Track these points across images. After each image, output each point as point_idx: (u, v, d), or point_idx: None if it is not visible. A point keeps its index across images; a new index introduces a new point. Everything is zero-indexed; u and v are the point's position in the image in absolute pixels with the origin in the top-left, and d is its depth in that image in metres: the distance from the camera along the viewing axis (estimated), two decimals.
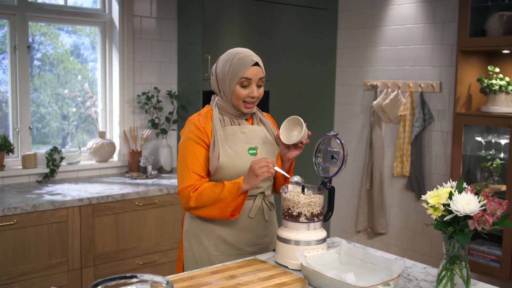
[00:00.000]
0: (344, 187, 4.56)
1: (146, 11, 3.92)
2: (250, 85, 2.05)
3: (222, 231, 2.10)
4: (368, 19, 4.31)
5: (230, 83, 2.05)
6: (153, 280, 1.48)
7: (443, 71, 3.84)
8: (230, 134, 2.08)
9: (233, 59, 2.05)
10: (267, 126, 2.18)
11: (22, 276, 2.91)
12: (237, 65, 2.04)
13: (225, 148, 2.05)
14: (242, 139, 2.09)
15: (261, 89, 2.09)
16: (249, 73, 2.03)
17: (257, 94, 2.07)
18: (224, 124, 2.10)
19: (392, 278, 1.64)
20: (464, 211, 1.54)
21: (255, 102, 2.10)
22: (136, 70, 3.93)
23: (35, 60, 3.70)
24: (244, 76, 2.03)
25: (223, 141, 2.05)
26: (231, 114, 2.12)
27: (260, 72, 2.06)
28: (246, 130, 2.11)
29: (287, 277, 1.76)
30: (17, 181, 3.45)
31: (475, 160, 3.65)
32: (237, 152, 2.06)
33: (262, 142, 2.13)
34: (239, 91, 2.05)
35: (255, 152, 2.10)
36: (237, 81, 2.04)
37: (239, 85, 2.04)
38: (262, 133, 2.15)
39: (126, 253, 3.30)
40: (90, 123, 3.92)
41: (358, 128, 4.45)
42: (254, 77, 2.04)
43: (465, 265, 1.62)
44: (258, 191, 2.11)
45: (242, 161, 2.06)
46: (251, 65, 2.03)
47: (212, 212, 2.00)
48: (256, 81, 2.06)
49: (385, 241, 4.29)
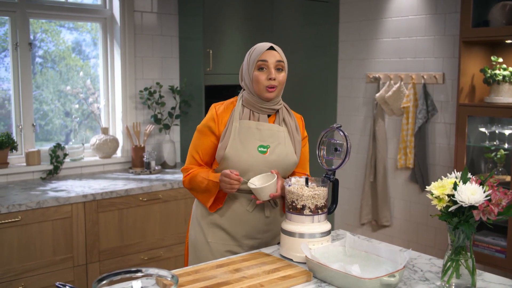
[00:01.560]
0: (348, 180, 4.56)
1: (147, 7, 3.91)
2: (267, 68, 2.06)
3: (222, 220, 2.14)
4: (369, 11, 4.29)
5: (250, 70, 2.09)
6: (158, 274, 1.48)
7: (445, 62, 3.83)
8: (245, 127, 2.08)
9: (252, 50, 2.12)
10: (289, 128, 2.15)
11: (27, 272, 2.92)
12: (254, 53, 2.09)
13: (235, 140, 2.06)
14: (256, 135, 2.09)
15: (281, 73, 2.09)
16: (265, 56, 2.06)
17: (275, 76, 2.06)
18: (242, 117, 2.11)
19: (397, 270, 1.64)
20: (469, 201, 1.54)
21: (277, 87, 2.08)
22: (137, 66, 3.92)
23: (37, 57, 3.69)
24: (260, 59, 2.06)
25: (236, 133, 2.07)
26: (253, 107, 2.12)
27: (276, 55, 2.07)
28: (263, 127, 2.10)
29: (292, 270, 1.76)
30: (21, 178, 3.45)
31: (479, 151, 3.64)
32: (246, 146, 2.06)
33: (277, 142, 2.10)
34: (258, 75, 2.06)
35: (265, 151, 2.08)
36: (254, 65, 2.07)
37: (257, 69, 2.07)
38: (282, 133, 2.12)
39: (131, 248, 3.31)
40: (93, 119, 3.92)
41: (361, 120, 4.45)
42: (271, 59, 2.06)
43: (470, 256, 1.62)
44: None
45: (248, 156, 2.06)
46: (267, 49, 2.07)
47: (200, 199, 2.16)
48: (274, 64, 2.06)
49: (389, 234, 4.29)
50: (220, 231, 2.15)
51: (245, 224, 2.13)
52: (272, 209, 2.16)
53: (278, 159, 2.09)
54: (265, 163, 2.07)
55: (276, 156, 2.08)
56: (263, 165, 2.07)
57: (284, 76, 2.10)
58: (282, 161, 2.10)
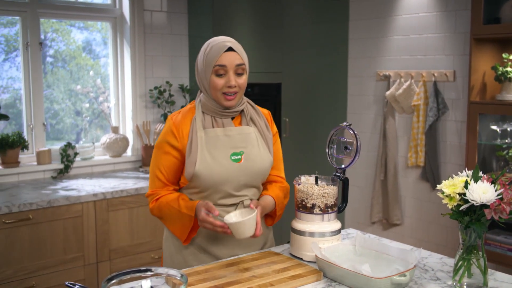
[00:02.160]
0: (358, 178, 4.54)
1: (157, 5, 3.92)
2: (226, 73, 1.83)
3: (202, 240, 1.93)
4: (379, 9, 4.27)
5: (206, 74, 1.85)
6: (168, 273, 1.48)
7: (456, 59, 3.79)
8: (212, 137, 1.87)
9: (207, 47, 1.86)
10: (259, 127, 1.96)
11: (39, 271, 2.94)
12: (210, 53, 1.84)
13: (204, 154, 1.84)
14: (225, 143, 1.87)
15: (242, 77, 1.86)
16: (223, 60, 1.82)
17: (235, 82, 1.83)
18: (205, 125, 1.88)
19: (408, 269, 1.63)
20: (481, 200, 1.52)
21: (237, 93, 1.86)
22: (147, 65, 3.93)
23: (47, 57, 3.71)
24: (218, 63, 1.82)
25: (203, 144, 1.85)
26: (214, 113, 1.89)
27: (236, 58, 1.83)
28: (232, 133, 1.89)
29: (302, 269, 1.76)
30: (32, 177, 3.48)
31: (490, 149, 3.61)
32: (217, 158, 1.85)
33: (250, 146, 1.90)
34: (215, 81, 1.83)
35: (240, 158, 1.88)
36: (211, 70, 1.83)
37: (214, 74, 1.83)
38: (253, 135, 1.92)
39: (141, 247, 3.32)
40: (103, 118, 3.93)
41: (371, 119, 4.42)
42: (230, 63, 1.82)
43: (482, 255, 1.60)
44: (238, 199, 1.91)
45: (221, 168, 1.85)
46: (224, 50, 1.82)
47: (170, 228, 1.93)
48: (234, 69, 1.83)
49: (400, 232, 4.27)
50: (200, 253, 1.94)
51: (227, 243, 1.92)
52: None
53: (254, 164, 1.90)
54: (241, 171, 1.88)
55: (251, 162, 1.90)
56: (240, 174, 1.88)
57: (245, 79, 1.87)
58: (259, 165, 1.91)
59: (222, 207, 1.90)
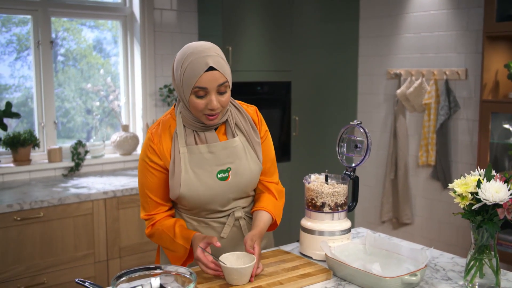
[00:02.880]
0: (369, 177, 4.52)
1: (166, 4, 3.93)
2: (207, 94, 1.64)
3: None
4: (390, 7, 4.24)
5: (185, 92, 1.66)
6: (177, 271, 1.48)
7: (468, 57, 3.76)
8: (195, 154, 1.73)
9: (185, 61, 1.65)
10: (245, 134, 1.80)
11: (49, 268, 2.96)
12: (188, 71, 1.63)
13: (188, 174, 1.71)
14: (210, 161, 1.74)
15: (224, 96, 1.66)
16: (203, 81, 1.62)
17: (217, 104, 1.64)
18: (187, 142, 1.73)
19: (419, 269, 1.61)
20: (493, 200, 1.50)
21: (220, 112, 1.69)
22: (157, 63, 3.94)
23: (58, 55, 3.73)
24: (197, 85, 1.62)
25: (186, 163, 1.72)
26: (195, 127, 1.74)
27: (218, 78, 1.63)
28: (216, 149, 1.74)
29: (312, 268, 1.75)
30: (43, 175, 3.50)
31: (502, 148, 3.57)
32: (202, 179, 1.73)
33: (237, 160, 1.76)
34: (195, 102, 1.65)
35: (227, 176, 1.75)
36: (190, 91, 1.64)
37: (194, 95, 1.64)
38: (239, 146, 1.77)
39: (151, 245, 3.33)
40: (114, 116, 3.95)
41: (382, 117, 4.40)
42: (210, 85, 1.62)
43: (494, 255, 1.59)
44: (228, 212, 1.83)
45: (207, 189, 1.73)
46: (205, 70, 1.61)
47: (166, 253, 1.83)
48: (215, 89, 1.64)
49: (411, 232, 4.24)
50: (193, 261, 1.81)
51: (222, 251, 1.77)
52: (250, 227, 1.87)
53: (242, 179, 1.78)
54: (228, 189, 1.77)
55: (240, 177, 1.77)
56: (227, 192, 1.77)
57: (228, 96, 1.68)
58: (248, 178, 1.79)
59: (217, 218, 1.83)
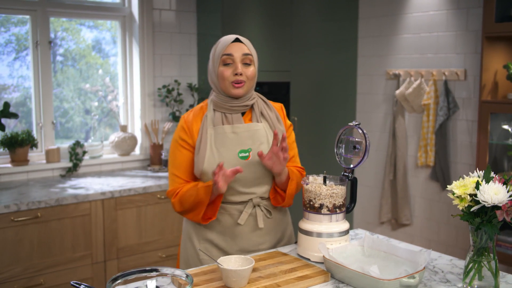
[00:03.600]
0: (367, 178, 4.51)
1: (165, 4, 3.92)
2: (233, 62, 1.90)
3: (213, 235, 1.98)
4: (389, 7, 4.23)
5: (215, 66, 1.93)
6: (173, 274, 1.47)
7: (467, 58, 3.75)
8: (220, 134, 1.91)
9: (217, 43, 1.96)
10: (270, 122, 1.98)
11: (47, 269, 2.95)
12: (219, 46, 1.94)
13: (212, 151, 1.89)
14: (233, 141, 1.91)
15: (249, 68, 1.92)
16: (230, 49, 1.90)
17: (241, 70, 1.89)
18: (215, 122, 1.93)
19: (417, 271, 1.60)
20: (492, 201, 1.49)
21: (245, 82, 1.91)
22: (156, 63, 3.93)
23: (57, 55, 3.72)
24: (225, 52, 1.90)
25: (212, 142, 1.90)
26: (224, 109, 1.94)
27: (243, 48, 1.91)
28: (239, 130, 1.92)
29: (310, 270, 1.74)
30: (41, 175, 3.49)
31: (502, 149, 3.56)
32: (224, 156, 1.89)
33: (258, 142, 1.93)
34: (223, 70, 1.90)
35: (247, 155, 1.91)
36: (219, 60, 1.91)
37: (222, 64, 1.91)
38: (262, 131, 1.95)
39: (149, 246, 3.32)
40: (112, 117, 3.94)
41: (381, 118, 4.39)
42: (236, 52, 1.90)
43: (493, 257, 1.58)
44: (247, 197, 1.95)
45: (230, 166, 1.87)
46: (231, 41, 1.91)
47: (192, 217, 1.93)
48: (241, 58, 1.90)
49: (410, 233, 4.23)
50: (212, 247, 1.98)
51: (237, 239, 1.95)
52: (267, 219, 2.00)
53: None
54: (248, 168, 1.91)
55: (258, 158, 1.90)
56: (247, 171, 1.91)
57: (253, 71, 1.93)
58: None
59: (232, 204, 1.95)
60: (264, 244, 2.02)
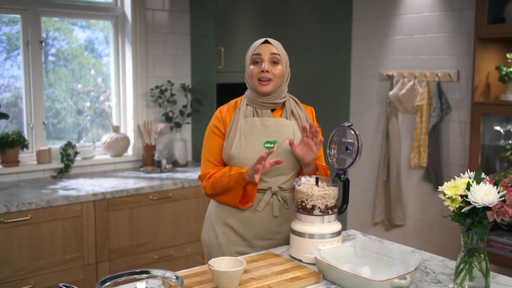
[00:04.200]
0: (361, 179, 4.51)
1: (159, 4, 3.90)
2: (261, 61, 2.05)
3: (232, 221, 2.10)
4: (383, 8, 4.23)
5: (246, 65, 2.12)
6: (164, 276, 1.46)
7: (460, 59, 3.76)
8: (250, 125, 2.07)
9: (251, 45, 2.14)
10: (298, 121, 2.11)
11: (37, 271, 2.92)
12: (251, 47, 2.11)
13: (240, 138, 2.05)
14: (261, 131, 2.06)
15: (277, 66, 2.06)
16: (259, 49, 2.06)
17: (267, 68, 2.04)
18: (246, 114, 2.09)
19: (409, 272, 1.60)
20: (483, 202, 1.49)
21: (272, 80, 2.05)
22: (149, 64, 3.91)
23: (49, 55, 3.70)
24: (255, 52, 2.06)
25: (241, 131, 2.06)
26: (255, 104, 2.10)
27: (271, 48, 2.06)
28: (268, 123, 2.07)
29: (301, 271, 1.73)
30: (32, 177, 3.46)
31: (494, 150, 3.57)
32: (251, 144, 2.04)
33: (284, 137, 2.06)
34: (252, 69, 2.07)
35: (272, 146, 2.04)
36: (250, 60, 2.08)
37: (252, 62, 2.08)
38: (289, 127, 2.08)
39: (141, 247, 3.30)
40: (105, 117, 3.92)
41: (374, 119, 4.39)
42: (264, 52, 2.05)
43: (484, 258, 1.58)
44: (267, 185, 2.06)
45: (254, 154, 2.03)
46: (261, 43, 2.08)
47: (225, 200, 2.08)
48: (268, 57, 2.05)
49: (403, 233, 4.24)
50: (230, 232, 2.11)
51: (254, 225, 2.08)
52: (283, 209, 2.09)
53: (285, 153, 2.05)
54: (272, 158, 2.03)
55: (282, 151, 2.04)
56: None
57: (280, 69, 2.07)
58: (290, 155, 2.06)
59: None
60: (279, 234, 2.11)
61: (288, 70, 2.13)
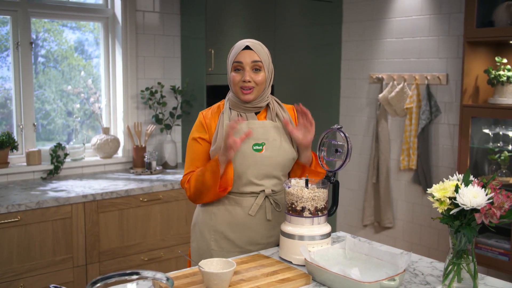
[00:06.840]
0: (351, 181, 4.53)
1: (149, 6, 3.90)
2: (243, 69, 2.01)
3: (223, 227, 2.07)
4: (373, 11, 4.26)
5: (228, 70, 2.07)
6: (154, 277, 1.46)
7: (449, 62, 3.79)
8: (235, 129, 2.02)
9: (231, 50, 2.07)
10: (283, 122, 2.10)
11: (27, 273, 2.91)
12: (232, 53, 2.06)
13: None
14: None
15: (259, 73, 2.02)
16: (240, 57, 2.01)
17: (249, 78, 1.99)
18: (231, 119, 2.05)
19: (398, 273, 1.61)
20: (471, 204, 1.51)
21: (254, 88, 2.02)
22: (139, 66, 3.91)
23: (39, 57, 3.68)
24: (236, 60, 2.01)
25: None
26: (238, 108, 2.07)
27: (252, 55, 2.00)
28: (254, 126, 2.04)
29: (291, 273, 1.74)
30: (21, 178, 3.44)
31: (482, 152, 3.60)
32: (239, 148, 1.99)
33: (271, 138, 2.05)
34: (233, 76, 2.03)
35: (261, 148, 2.02)
36: (231, 66, 2.03)
37: (233, 70, 2.03)
38: (276, 128, 2.07)
39: (131, 249, 3.29)
40: (95, 119, 3.90)
41: (364, 121, 4.42)
42: (246, 60, 2.00)
43: (472, 259, 1.59)
44: (259, 188, 2.05)
45: (243, 157, 2.00)
46: (242, 49, 2.01)
47: (208, 195, 2.01)
48: (250, 65, 2.00)
49: (392, 235, 4.26)
50: (222, 239, 2.08)
51: (247, 230, 2.06)
52: (275, 212, 2.09)
53: (273, 154, 2.03)
54: (261, 160, 2.02)
55: (271, 152, 2.03)
56: (260, 163, 2.02)
57: (263, 76, 2.02)
58: (279, 156, 2.04)
59: (244, 196, 2.05)
60: (272, 238, 2.09)
61: (271, 69, 2.08)
